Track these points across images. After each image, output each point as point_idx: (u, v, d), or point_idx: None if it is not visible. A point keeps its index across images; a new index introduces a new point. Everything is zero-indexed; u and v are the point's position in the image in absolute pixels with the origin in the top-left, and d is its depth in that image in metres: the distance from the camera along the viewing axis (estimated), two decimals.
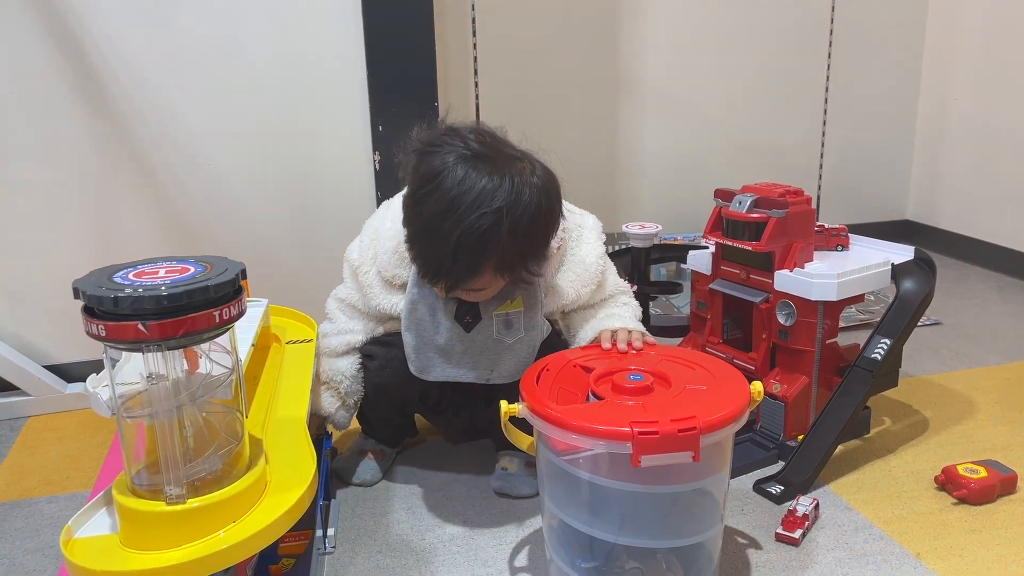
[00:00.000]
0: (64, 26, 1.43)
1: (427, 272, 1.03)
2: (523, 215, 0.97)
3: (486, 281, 1.03)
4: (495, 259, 0.99)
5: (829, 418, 1.20)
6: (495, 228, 0.95)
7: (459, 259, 0.98)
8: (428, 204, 0.98)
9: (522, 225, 0.97)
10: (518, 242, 0.98)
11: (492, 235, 0.96)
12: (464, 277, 1.00)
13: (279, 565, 0.97)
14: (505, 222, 0.95)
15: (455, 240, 0.96)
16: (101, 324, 0.67)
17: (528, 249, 1.01)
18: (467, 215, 0.95)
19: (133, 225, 1.55)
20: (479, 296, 1.07)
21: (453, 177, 0.97)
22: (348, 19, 1.55)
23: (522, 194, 0.97)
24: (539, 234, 1.02)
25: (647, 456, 0.81)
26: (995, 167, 2.28)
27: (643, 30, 2.21)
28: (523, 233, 0.98)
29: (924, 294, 1.23)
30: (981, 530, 1.08)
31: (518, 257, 1.00)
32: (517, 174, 0.98)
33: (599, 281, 1.16)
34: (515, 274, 1.03)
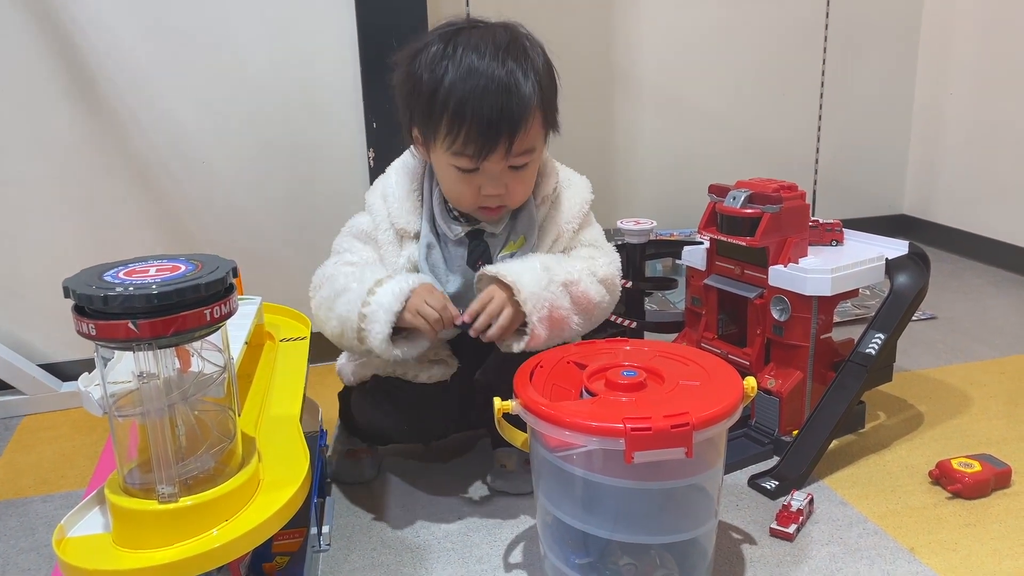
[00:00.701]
0: (57, 24, 1.43)
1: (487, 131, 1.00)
2: (533, 49, 1.06)
3: (536, 128, 1.05)
4: (538, 90, 1.02)
5: (823, 413, 1.20)
6: (523, 56, 1.02)
7: (512, 88, 1.00)
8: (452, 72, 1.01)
9: (541, 57, 1.06)
10: (545, 74, 1.05)
11: (524, 62, 1.02)
12: (525, 109, 1.01)
13: (273, 563, 0.98)
14: (528, 50, 1.04)
15: (500, 76, 0.99)
16: (91, 323, 0.67)
17: (552, 82, 1.08)
18: (496, 52, 1.01)
19: (126, 223, 1.55)
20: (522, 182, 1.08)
21: (458, 42, 1.02)
22: (342, 17, 1.54)
23: (525, 37, 1.07)
24: (554, 73, 1.09)
25: (640, 452, 0.81)
26: (991, 161, 2.28)
27: (638, 26, 2.21)
28: (545, 64, 1.06)
29: (918, 289, 1.23)
30: (975, 524, 1.08)
31: (550, 90, 1.06)
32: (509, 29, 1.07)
33: (581, 224, 1.17)
34: (549, 117, 1.07)
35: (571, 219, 1.16)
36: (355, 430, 1.27)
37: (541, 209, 1.15)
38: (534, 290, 1.02)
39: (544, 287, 1.03)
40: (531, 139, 1.04)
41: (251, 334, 1.09)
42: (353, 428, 1.27)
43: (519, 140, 1.03)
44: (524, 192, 1.10)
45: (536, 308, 1.02)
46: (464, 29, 1.05)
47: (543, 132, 1.08)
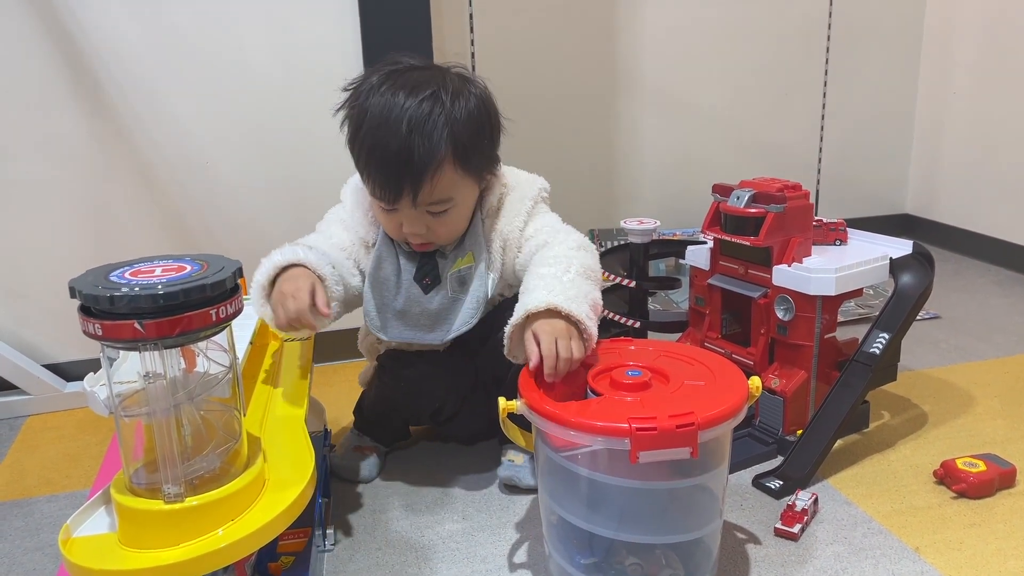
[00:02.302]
0: (61, 26, 1.43)
1: (388, 184, 1.03)
2: (462, 96, 1.03)
3: (449, 180, 1.03)
4: (450, 143, 1.01)
5: (828, 412, 1.20)
6: (439, 108, 1.01)
7: (415, 147, 1.00)
8: (369, 118, 1.02)
9: (465, 108, 1.03)
10: (465, 124, 1.03)
11: (438, 115, 1.00)
12: (426, 167, 1.01)
13: (278, 563, 0.97)
14: (446, 103, 1.01)
15: (405, 128, 0.99)
16: (97, 323, 0.67)
17: (479, 134, 1.05)
18: (409, 106, 1.00)
19: (131, 224, 1.55)
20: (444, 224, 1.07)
21: (383, 89, 1.03)
22: (345, 18, 1.54)
23: (456, 88, 1.04)
24: (484, 123, 1.06)
25: (645, 452, 0.81)
26: (994, 161, 2.28)
27: (641, 26, 2.21)
28: (467, 116, 1.03)
29: (922, 288, 1.23)
30: (980, 524, 1.08)
31: (472, 142, 1.04)
32: (446, 76, 1.06)
33: (526, 220, 1.13)
34: (473, 166, 1.06)
35: (513, 218, 1.14)
36: (365, 425, 1.28)
37: (487, 222, 1.14)
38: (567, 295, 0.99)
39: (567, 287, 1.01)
40: (443, 191, 1.04)
41: (255, 334, 1.09)
42: (363, 423, 1.28)
43: (424, 193, 1.03)
44: (448, 233, 1.10)
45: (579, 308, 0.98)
46: (395, 73, 1.05)
47: (465, 180, 1.07)
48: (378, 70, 1.06)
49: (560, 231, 1.13)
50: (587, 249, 1.11)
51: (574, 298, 0.98)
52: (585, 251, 1.10)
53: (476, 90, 1.07)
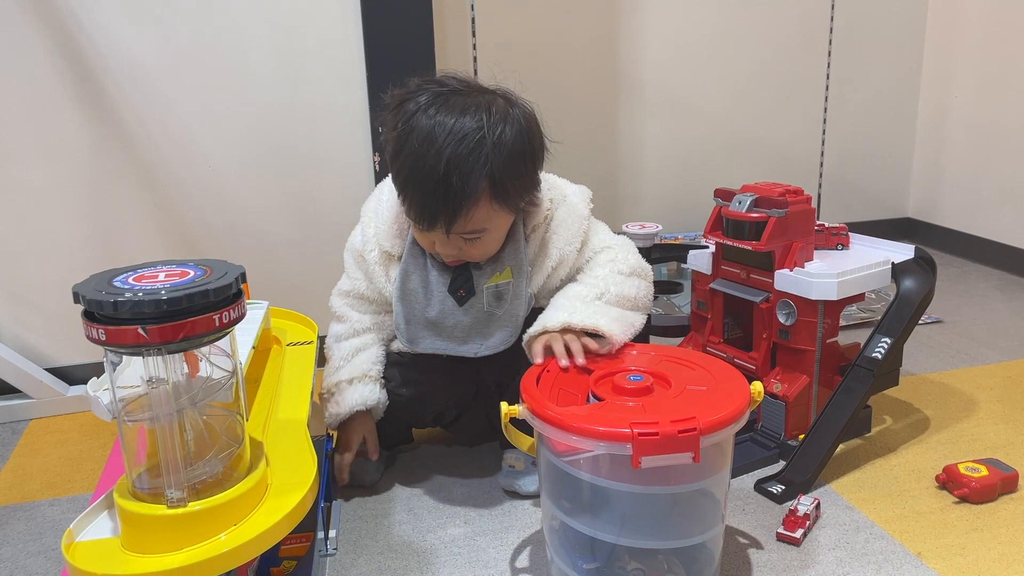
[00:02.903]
0: (65, 30, 1.43)
1: (423, 212, 1.03)
2: (504, 133, 1.01)
3: (484, 214, 1.03)
4: (487, 181, 1.00)
5: (830, 417, 1.20)
6: (479, 145, 0.99)
7: (452, 185, 0.99)
8: (411, 142, 1.01)
9: (506, 142, 1.01)
10: (505, 160, 1.01)
11: (478, 152, 0.99)
12: (461, 205, 1.00)
13: (280, 567, 0.98)
14: (489, 137, 1.00)
15: (444, 165, 0.99)
16: (101, 328, 0.68)
17: (518, 168, 1.03)
18: (450, 140, 0.99)
19: (133, 227, 1.55)
20: (477, 247, 1.07)
21: (431, 112, 1.01)
22: (348, 21, 1.55)
23: (501, 115, 1.02)
24: (526, 153, 1.04)
25: (647, 457, 0.81)
26: (996, 164, 2.28)
27: (643, 29, 2.21)
28: (509, 150, 1.01)
29: (924, 293, 1.23)
30: (982, 529, 1.08)
31: (510, 177, 1.02)
32: (492, 103, 1.03)
33: (583, 240, 1.15)
34: (511, 199, 1.05)
35: (571, 239, 1.14)
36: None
37: (532, 238, 1.14)
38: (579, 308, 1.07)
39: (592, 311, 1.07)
40: (478, 223, 1.04)
41: (258, 338, 1.09)
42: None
43: (458, 226, 1.03)
44: (482, 254, 1.10)
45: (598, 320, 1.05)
46: (442, 96, 1.03)
47: (502, 212, 1.06)
48: (426, 88, 1.05)
49: (615, 248, 1.16)
50: (638, 275, 1.15)
51: (593, 314, 1.05)
52: (633, 277, 1.13)
53: (520, 117, 1.05)
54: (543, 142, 1.09)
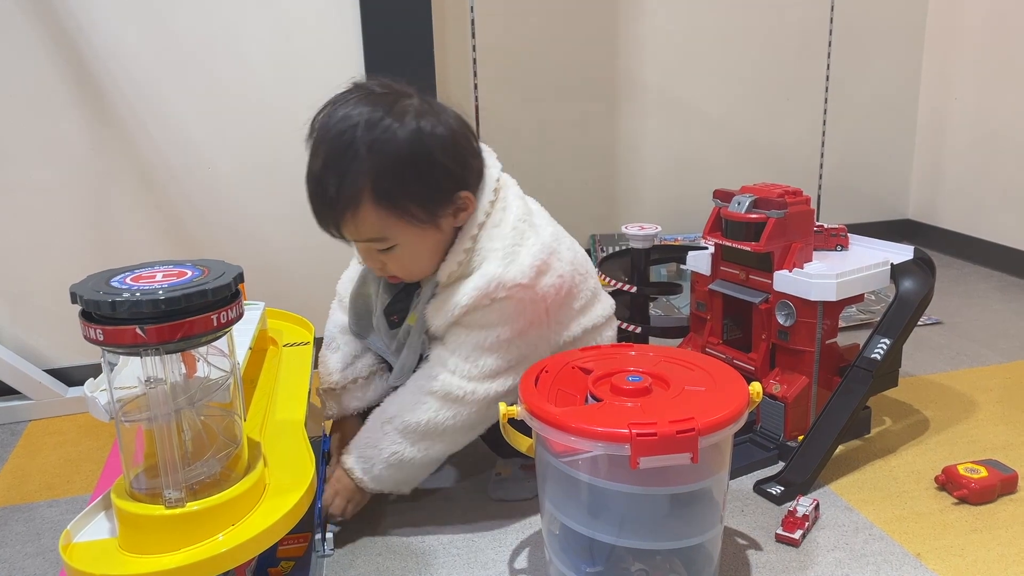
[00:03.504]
0: (65, 31, 1.43)
1: (314, 215, 0.98)
2: (395, 133, 0.93)
3: (372, 220, 0.96)
4: (368, 182, 0.93)
5: (829, 418, 1.20)
6: (358, 143, 0.93)
7: (328, 185, 0.94)
8: (312, 133, 0.97)
9: (394, 143, 0.93)
10: (391, 163, 0.93)
11: (355, 150, 0.93)
12: (341, 207, 0.95)
13: (278, 568, 0.98)
14: (372, 135, 0.93)
15: (320, 165, 0.94)
16: (99, 328, 0.68)
17: (404, 173, 0.94)
18: (331, 137, 0.94)
19: (132, 228, 1.55)
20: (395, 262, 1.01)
21: (329, 106, 0.97)
22: (347, 22, 1.55)
23: (399, 117, 0.94)
24: (418, 160, 0.95)
25: (646, 457, 0.81)
26: (996, 166, 2.28)
27: (642, 30, 2.22)
28: (395, 153, 0.93)
29: (923, 294, 1.23)
30: (982, 530, 1.08)
31: (395, 182, 0.94)
32: (396, 104, 0.96)
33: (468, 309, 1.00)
34: (400, 207, 0.95)
35: (457, 304, 1.00)
36: None
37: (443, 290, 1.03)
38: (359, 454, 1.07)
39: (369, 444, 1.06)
40: (370, 230, 0.97)
41: (255, 339, 1.09)
42: None
43: (348, 231, 0.98)
44: (405, 272, 1.03)
45: (363, 467, 1.06)
46: (345, 94, 0.98)
47: (399, 222, 0.97)
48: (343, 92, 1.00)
49: (454, 356, 1.03)
50: (453, 401, 1.02)
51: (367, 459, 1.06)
52: (434, 399, 1.02)
53: (429, 125, 0.95)
54: (459, 156, 0.99)
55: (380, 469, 1.05)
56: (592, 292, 1.14)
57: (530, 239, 1.02)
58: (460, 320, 1.01)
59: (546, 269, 1.02)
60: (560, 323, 1.09)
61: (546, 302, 1.04)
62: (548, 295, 1.03)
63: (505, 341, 1.02)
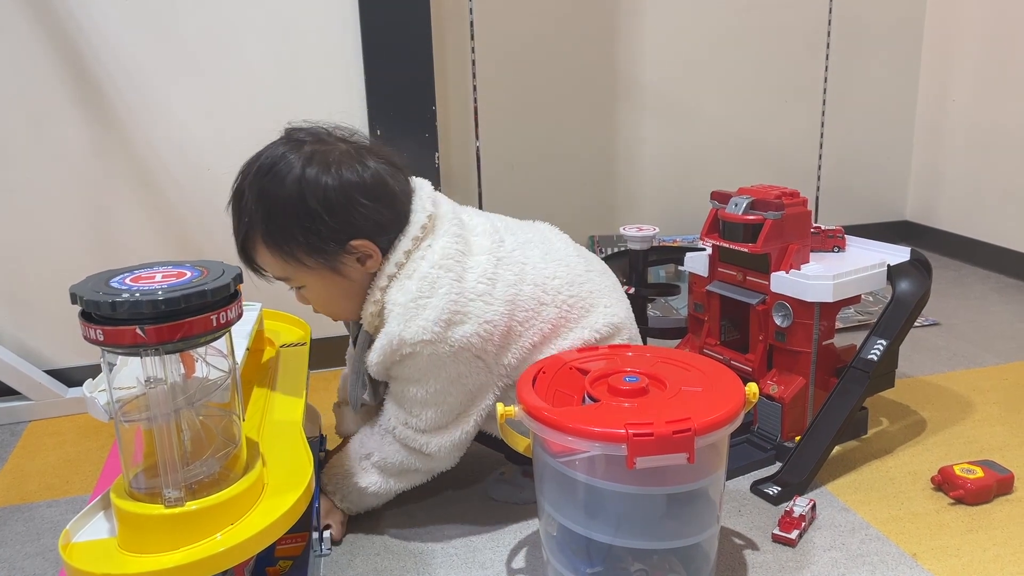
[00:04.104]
0: (64, 32, 1.44)
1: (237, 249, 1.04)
2: (273, 181, 0.97)
3: (268, 260, 1.01)
4: (260, 225, 0.98)
5: (826, 419, 1.20)
6: (255, 185, 0.98)
7: (233, 223, 1.01)
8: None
9: (271, 192, 0.96)
10: (270, 211, 0.97)
11: (252, 193, 0.98)
12: (242, 245, 1.02)
13: (276, 567, 0.98)
14: (255, 183, 0.98)
15: (230, 202, 1.02)
16: (99, 329, 0.68)
17: (286, 223, 0.96)
18: (239, 176, 1.01)
19: (132, 230, 1.56)
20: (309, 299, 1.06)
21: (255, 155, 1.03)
22: (346, 26, 1.55)
23: (285, 164, 0.97)
24: (295, 210, 0.96)
25: (642, 458, 0.81)
26: (994, 167, 2.28)
27: (641, 31, 2.22)
28: (272, 202, 0.96)
29: (920, 295, 1.23)
30: (978, 530, 1.08)
31: (277, 229, 0.97)
32: (316, 152, 0.99)
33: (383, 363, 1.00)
34: (283, 250, 0.98)
35: (371, 361, 1.01)
36: None
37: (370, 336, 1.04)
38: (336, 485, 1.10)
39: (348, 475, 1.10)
40: (273, 270, 1.02)
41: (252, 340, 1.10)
42: None
43: (256, 267, 1.04)
44: (326, 310, 1.07)
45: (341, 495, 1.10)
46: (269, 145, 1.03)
47: (296, 265, 0.99)
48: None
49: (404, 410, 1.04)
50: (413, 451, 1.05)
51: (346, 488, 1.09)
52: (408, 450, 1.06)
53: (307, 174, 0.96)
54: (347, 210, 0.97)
55: (356, 498, 1.10)
56: (580, 312, 1.07)
57: (441, 289, 0.97)
58: (389, 371, 1.02)
59: (460, 320, 0.97)
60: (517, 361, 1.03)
61: (471, 351, 0.98)
62: (471, 344, 0.98)
63: (437, 393, 1.00)
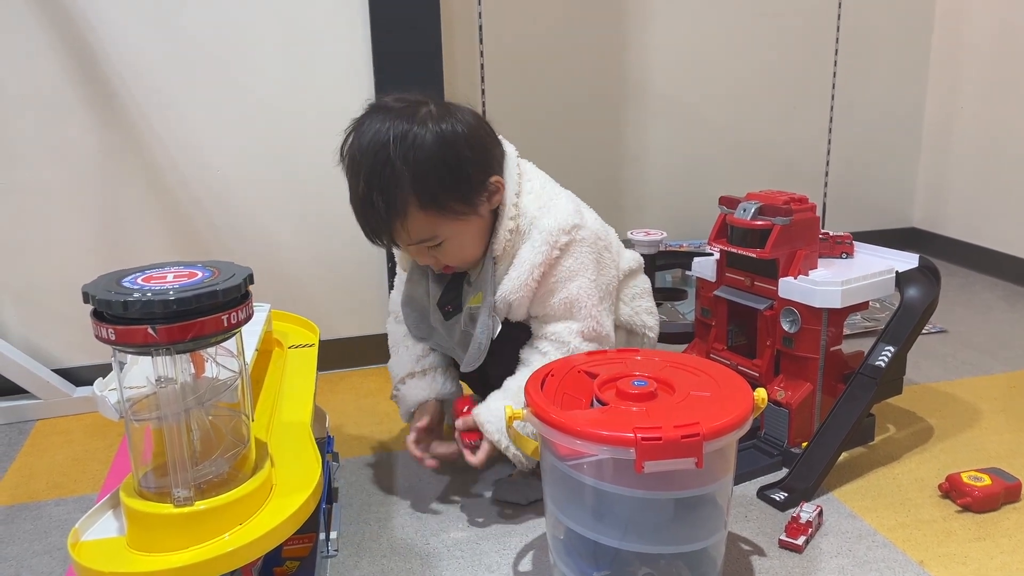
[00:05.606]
0: (76, 34, 1.44)
1: (365, 232, 1.06)
2: (423, 141, 1.00)
3: (421, 224, 1.04)
4: (411, 192, 1.01)
5: (833, 425, 1.20)
6: (393, 159, 0.99)
7: (375, 203, 1.01)
8: (346, 157, 1.05)
9: (425, 150, 1.00)
10: (427, 170, 1.00)
11: (392, 166, 0.99)
12: (391, 220, 1.03)
13: (283, 568, 0.98)
14: (403, 149, 0.99)
15: (363, 185, 1.01)
16: (111, 328, 0.68)
17: (441, 175, 1.02)
18: (367, 158, 1.01)
19: (141, 230, 1.56)
20: (447, 255, 1.08)
21: (354, 137, 1.04)
22: (355, 26, 1.56)
23: (422, 125, 1.01)
24: (448, 160, 1.02)
25: (650, 462, 0.81)
26: (1001, 175, 2.28)
27: (649, 37, 2.22)
28: (428, 160, 1.00)
29: (928, 302, 1.23)
30: (985, 538, 1.08)
31: (435, 186, 1.02)
32: (416, 114, 1.02)
33: (534, 289, 1.09)
34: (444, 206, 1.03)
35: (515, 290, 1.09)
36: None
37: (499, 268, 1.11)
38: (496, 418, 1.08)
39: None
40: (421, 232, 1.05)
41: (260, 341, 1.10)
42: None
43: (401, 239, 1.07)
44: (458, 260, 1.10)
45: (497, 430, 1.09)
46: (367, 115, 1.04)
47: (444, 219, 1.04)
48: (362, 115, 1.06)
49: (558, 342, 1.11)
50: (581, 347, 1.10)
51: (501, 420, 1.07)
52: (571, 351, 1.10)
53: (449, 127, 1.02)
54: (482, 147, 1.06)
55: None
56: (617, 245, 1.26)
57: (557, 191, 1.16)
58: (545, 281, 1.09)
59: (583, 210, 1.16)
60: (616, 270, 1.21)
61: (601, 240, 1.16)
62: (598, 231, 1.16)
63: (596, 279, 1.13)
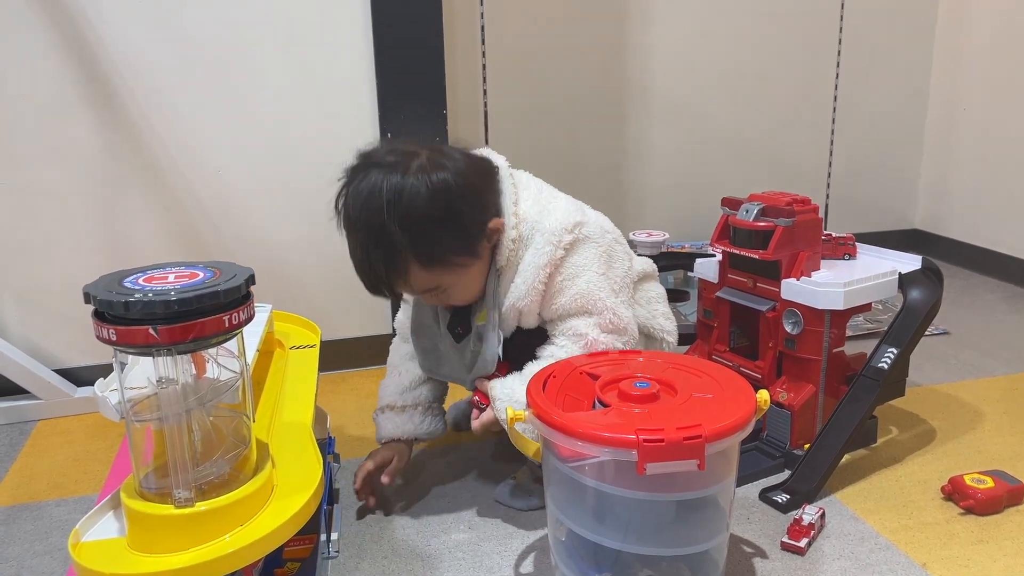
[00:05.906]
0: (77, 34, 1.44)
1: (370, 291, 1.05)
2: (411, 204, 0.98)
3: (423, 279, 1.03)
4: (410, 254, 1.00)
5: (835, 427, 1.20)
6: (392, 216, 0.97)
7: (377, 268, 1.01)
8: (342, 214, 1.04)
9: (416, 213, 0.98)
10: (421, 231, 0.99)
11: (389, 232, 0.98)
12: (393, 281, 1.02)
13: (284, 569, 0.98)
14: (394, 213, 0.97)
15: (362, 252, 1.01)
16: (112, 328, 0.68)
17: (435, 234, 1.00)
18: (362, 225, 1.00)
19: (143, 230, 1.56)
20: (452, 297, 1.09)
21: (352, 184, 1.02)
22: (357, 28, 1.56)
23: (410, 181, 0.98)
24: (443, 219, 1.00)
25: (652, 464, 0.81)
26: (1003, 176, 2.28)
27: (651, 38, 2.22)
28: (423, 219, 0.99)
29: (931, 303, 1.23)
30: (988, 540, 1.07)
31: (431, 246, 1.01)
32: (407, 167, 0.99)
33: (541, 292, 1.08)
34: (442, 261, 1.02)
35: (523, 295, 1.08)
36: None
37: (503, 280, 1.09)
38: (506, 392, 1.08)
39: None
40: (423, 284, 1.05)
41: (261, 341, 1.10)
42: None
43: (405, 292, 1.07)
44: (464, 298, 1.10)
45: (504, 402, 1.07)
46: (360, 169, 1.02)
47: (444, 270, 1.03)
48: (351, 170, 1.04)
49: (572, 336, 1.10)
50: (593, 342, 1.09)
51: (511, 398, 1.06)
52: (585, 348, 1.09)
53: (440, 180, 0.99)
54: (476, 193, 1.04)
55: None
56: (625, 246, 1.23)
57: (555, 194, 1.15)
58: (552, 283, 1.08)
59: (583, 207, 1.16)
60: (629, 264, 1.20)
61: (609, 234, 1.16)
62: (603, 224, 1.16)
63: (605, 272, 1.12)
